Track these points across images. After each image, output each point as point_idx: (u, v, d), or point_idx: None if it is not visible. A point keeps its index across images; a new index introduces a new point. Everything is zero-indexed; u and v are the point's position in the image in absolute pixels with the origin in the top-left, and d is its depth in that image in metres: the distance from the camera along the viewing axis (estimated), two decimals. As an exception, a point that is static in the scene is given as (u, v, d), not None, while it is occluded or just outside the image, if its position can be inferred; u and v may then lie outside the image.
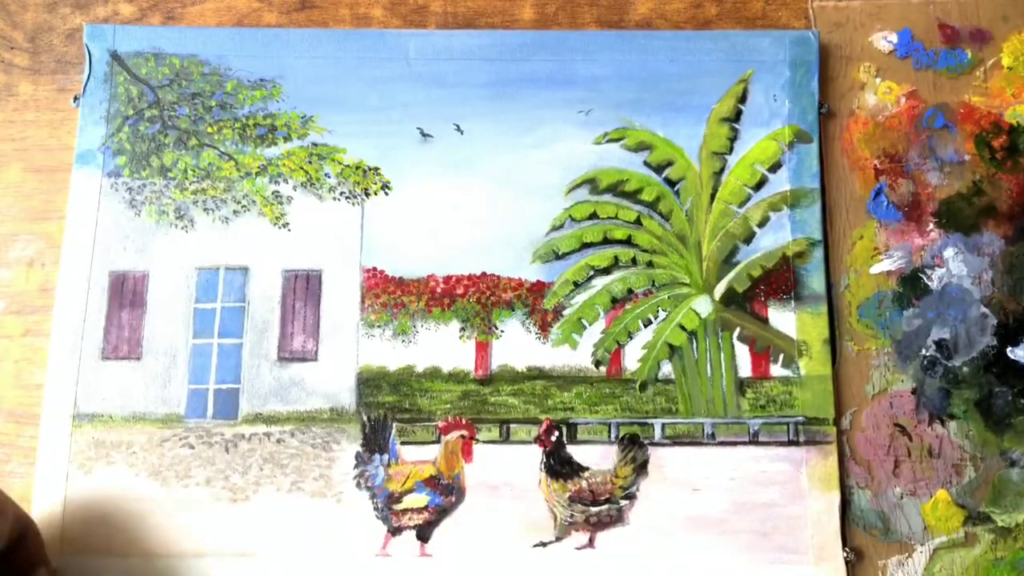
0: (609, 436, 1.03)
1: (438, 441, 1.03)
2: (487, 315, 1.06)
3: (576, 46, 1.11)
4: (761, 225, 1.08)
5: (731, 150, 1.10)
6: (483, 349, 1.06)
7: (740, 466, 1.02)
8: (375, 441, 1.02)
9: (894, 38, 1.12)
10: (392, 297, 1.06)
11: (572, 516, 1.00)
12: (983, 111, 1.10)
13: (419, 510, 1.00)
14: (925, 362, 1.04)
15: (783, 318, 1.05)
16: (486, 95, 1.10)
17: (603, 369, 1.05)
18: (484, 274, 1.07)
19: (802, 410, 1.03)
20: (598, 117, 1.09)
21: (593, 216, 1.08)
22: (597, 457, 1.02)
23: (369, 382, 1.04)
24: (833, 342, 1.05)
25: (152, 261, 1.06)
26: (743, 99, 1.10)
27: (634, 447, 1.02)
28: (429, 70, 1.10)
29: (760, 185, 1.09)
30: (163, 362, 1.04)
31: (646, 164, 1.09)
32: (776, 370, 1.04)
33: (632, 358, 1.05)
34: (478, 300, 1.06)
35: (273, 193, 1.08)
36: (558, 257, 1.07)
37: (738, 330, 1.06)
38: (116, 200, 1.07)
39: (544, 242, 1.07)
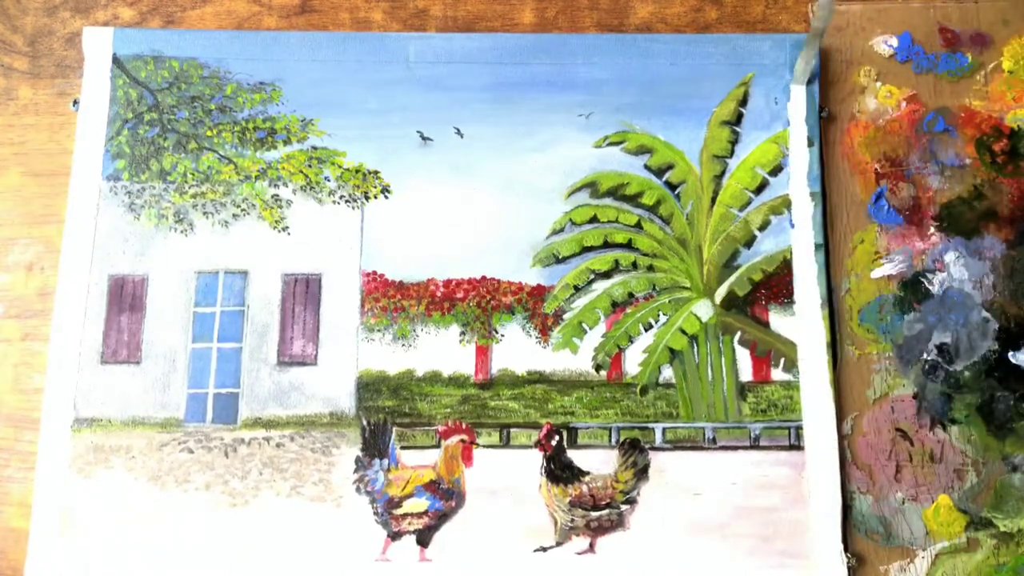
0: (610, 440, 1.03)
1: (438, 445, 1.02)
2: (487, 319, 1.06)
3: (576, 50, 1.11)
4: (762, 229, 1.08)
5: (732, 153, 1.09)
6: (483, 353, 1.05)
7: (741, 470, 1.01)
8: (375, 445, 1.02)
9: (894, 42, 1.12)
10: (392, 301, 1.06)
11: (573, 521, 1.00)
12: (984, 115, 1.10)
13: (419, 515, 1.00)
14: (926, 366, 1.04)
15: (784, 322, 1.05)
16: (486, 99, 1.10)
17: (604, 373, 1.05)
18: (484, 278, 1.06)
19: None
20: (598, 120, 1.09)
21: (593, 220, 1.08)
22: (598, 462, 1.02)
23: (369, 386, 1.04)
24: (834, 346, 1.04)
25: (151, 265, 1.06)
26: (744, 102, 1.10)
27: (635, 451, 1.02)
28: (429, 74, 1.10)
29: (761, 188, 1.09)
30: (162, 366, 1.04)
31: (647, 168, 1.09)
32: (777, 374, 1.04)
33: (633, 362, 1.05)
34: (478, 304, 1.06)
35: (273, 197, 1.08)
36: (558, 261, 1.07)
37: (739, 334, 1.06)
38: (115, 204, 1.07)
39: (544, 246, 1.07)
